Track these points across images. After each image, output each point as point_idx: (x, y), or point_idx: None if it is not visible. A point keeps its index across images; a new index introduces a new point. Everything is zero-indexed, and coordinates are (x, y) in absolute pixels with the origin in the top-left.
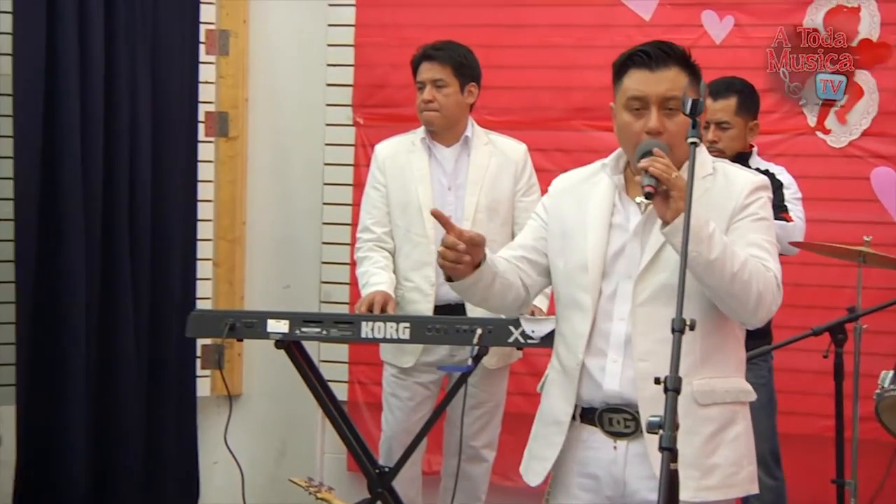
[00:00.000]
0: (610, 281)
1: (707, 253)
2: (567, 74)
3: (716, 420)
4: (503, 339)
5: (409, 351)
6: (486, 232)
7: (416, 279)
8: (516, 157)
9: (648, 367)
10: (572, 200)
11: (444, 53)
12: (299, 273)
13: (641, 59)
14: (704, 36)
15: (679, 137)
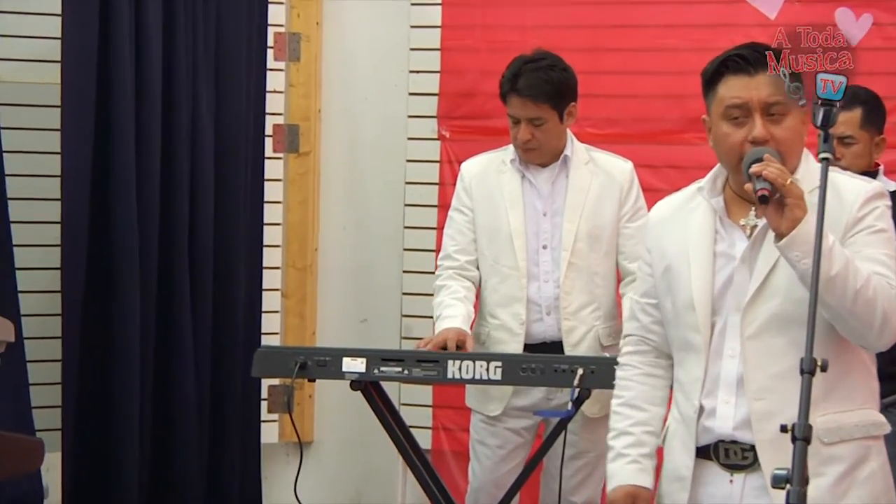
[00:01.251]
0: (720, 316)
1: (827, 268)
2: (681, 81)
3: (845, 459)
4: (608, 381)
5: (497, 397)
6: (586, 263)
7: (503, 316)
8: (622, 177)
9: (765, 407)
10: (671, 231)
11: (537, 90)
12: (378, 305)
13: (737, 64)
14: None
15: (790, 145)
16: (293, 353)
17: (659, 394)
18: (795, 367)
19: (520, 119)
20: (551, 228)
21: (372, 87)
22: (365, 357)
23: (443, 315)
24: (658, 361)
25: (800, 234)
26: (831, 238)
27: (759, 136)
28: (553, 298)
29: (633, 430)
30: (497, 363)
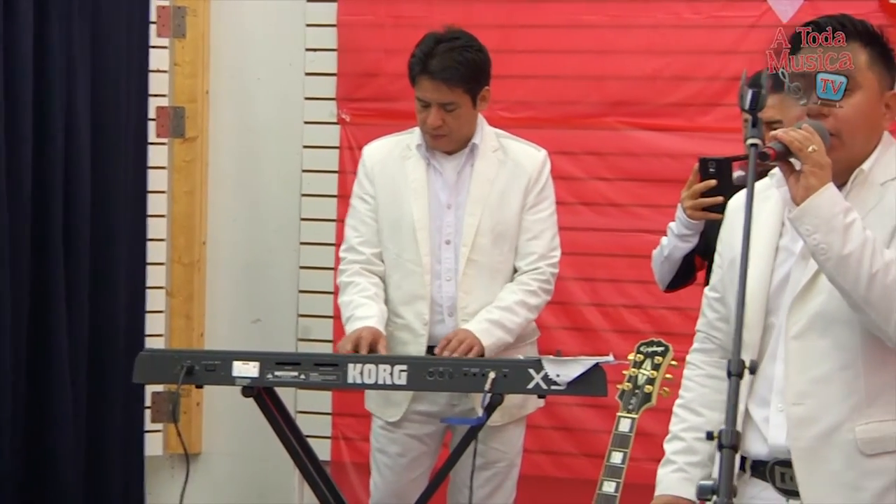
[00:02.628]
0: (776, 315)
1: (840, 246)
2: (600, 60)
3: (888, 472)
4: (521, 386)
5: (397, 401)
6: (489, 260)
7: (406, 315)
8: (531, 167)
9: (803, 413)
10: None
11: (451, 73)
12: (272, 304)
13: (810, 33)
14: (768, 13)
15: (852, 125)
16: (179, 356)
17: (720, 398)
18: (838, 370)
19: (430, 103)
20: (455, 222)
21: (265, 67)
22: (258, 360)
23: (355, 315)
24: (723, 362)
25: (812, 206)
26: (852, 215)
27: (812, 109)
28: (454, 298)
29: (684, 435)
30: (402, 367)
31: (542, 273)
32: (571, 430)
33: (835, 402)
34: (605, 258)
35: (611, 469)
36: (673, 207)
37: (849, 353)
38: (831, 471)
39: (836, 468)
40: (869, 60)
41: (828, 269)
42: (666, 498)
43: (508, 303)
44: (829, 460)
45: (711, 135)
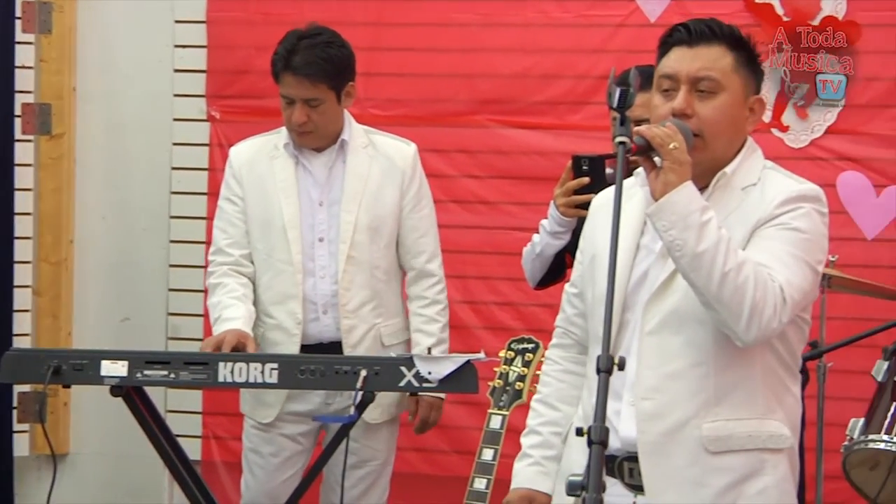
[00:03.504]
0: (631, 312)
1: (694, 243)
2: (470, 58)
3: (734, 470)
4: (393, 383)
5: (271, 402)
6: (368, 256)
7: (278, 315)
8: (403, 163)
9: (651, 408)
10: (606, 219)
11: (314, 68)
12: (141, 303)
13: (681, 35)
14: (636, 12)
15: (715, 127)
16: (46, 355)
17: (576, 393)
18: (689, 367)
19: (294, 99)
20: (328, 219)
21: (133, 63)
22: (126, 360)
23: (222, 317)
24: (580, 357)
25: (669, 202)
26: (708, 214)
27: (677, 108)
28: (330, 295)
29: (541, 429)
30: (273, 365)
31: (439, 281)
32: (443, 428)
33: (684, 398)
34: (477, 256)
35: (482, 466)
36: (543, 205)
37: (701, 351)
38: (675, 466)
39: (681, 464)
40: (734, 64)
41: (682, 266)
42: (522, 491)
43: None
44: (674, 456)
45: (581, 133)
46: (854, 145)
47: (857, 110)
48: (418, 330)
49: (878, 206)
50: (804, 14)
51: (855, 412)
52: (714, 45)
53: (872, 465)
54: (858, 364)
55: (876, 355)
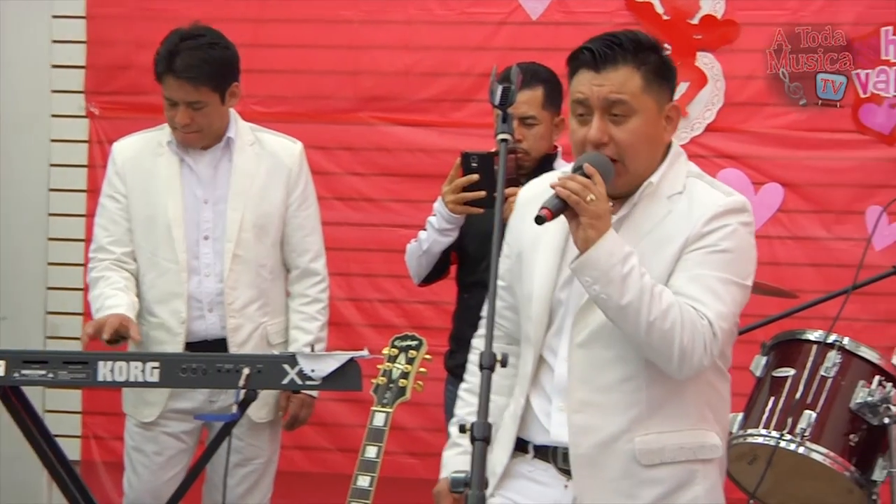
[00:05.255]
0: (559, 314)
1: (618, 297)
2: (354, 55)
3: (664, 482)
4: (276, 381)
5: (153, 401)
6: (254, 255)
7: (162, 314)
8: (290, 161)
9: (584, 421)
10: (532, 214)
11: (196, 72)
12: (18, 301)
13: (586, 58)
14: (518, 10)
15: (632, 150)
16: None
17: (505, 382)
18: (620, 381)
19: (177, 102)
20: (213, 217)
21: (10, 59)
22: (4, 359)
23: (105, 306)
24: (509, 348)
25: (590, 259)
26: (629, 264)
27: (592, 139)
28: (216, 294)
29: (470, 419)
30: (154, 364)
31: (322, 279)
32: (326, 426)
33: (616, 412)
34: (360, 253)
35: (365, 463)
36: (427, 202)
37: (632, 365)
38: (608, 478)
39: (613, 476)
40: (644, 83)
41: (609, 317)
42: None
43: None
44: (607, 468)
45: (464, 130)
46: (733, 143)
47: (736, 108)
48: (297, 327)
49: (757, 203)
50: (684, 13)
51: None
52: (620, 67)
53: (751, 459)
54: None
55: (754, 350)
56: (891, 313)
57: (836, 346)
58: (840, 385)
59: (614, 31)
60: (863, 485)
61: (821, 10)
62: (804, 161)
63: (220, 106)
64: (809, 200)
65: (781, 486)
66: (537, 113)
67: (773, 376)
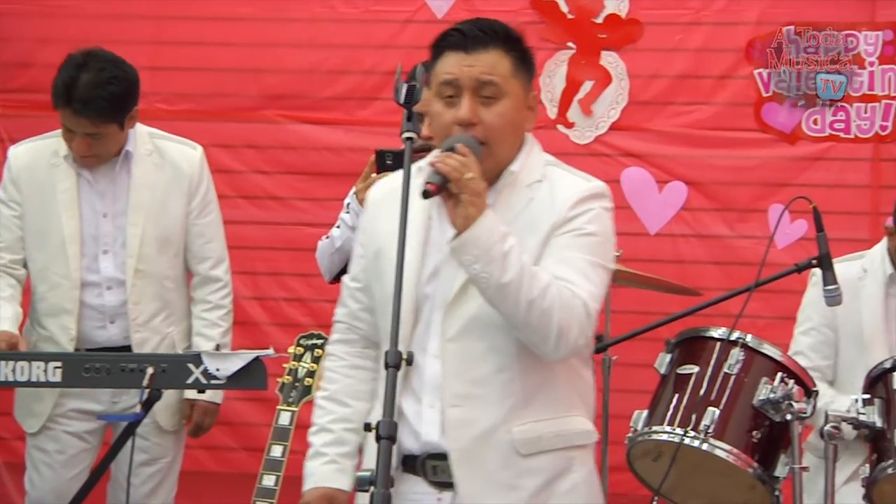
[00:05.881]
0: (425, 309)
1: (499, 275)
2: (258, 53)
3: (544, 471)
4: (181, 380)
5: (38, 412)
6: (156, 268)
7: (51, 328)
8: (190, 169)
9: (461, 414)
10: (388, 213)
11: (95, 110)
12: None
13: (455, 40)
14: (423, 9)
15: (500, 133)
16: None
17: (365, 388)
18: (495, 372)
19: (75, 131)
20: (114, 231)
21: None
22: None
23: None
24: (366, 352)
25: (471, 237)
26: (509, 242)
27: (463, 118)
28: (118, 306)
29: (332, 426)
30: (57, 363)
31: (225, 285)
32: (231, 425)
33: (492, 403)
34: (266, 252)
35: (270, 462)
36: (334, 200)
37: (505, 356)
38: (488, 471)
39: (493, 468)
40: (513, 68)
41: (488, 296)
42: (321, 490)
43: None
44: (487, 460)
45: (370, 128)
46: (637, 142)
47: (640, 107)
48: (199, 334)
49: (661, 202)
50: (588, 12)
51: (639, 404)
52: (491, 50)
53: (655, 456)
54: (642, 357)
55: (659, 348)
56: (793, 311)
57: (740, 343)
58: (743, 382)
59: (481, 17)
60: (765, 481)
61: (723, 9)
62: (707, 160)
63: (119, 133)
64: (713, 199)
65: (685, 482)
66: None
67: (678, 373)
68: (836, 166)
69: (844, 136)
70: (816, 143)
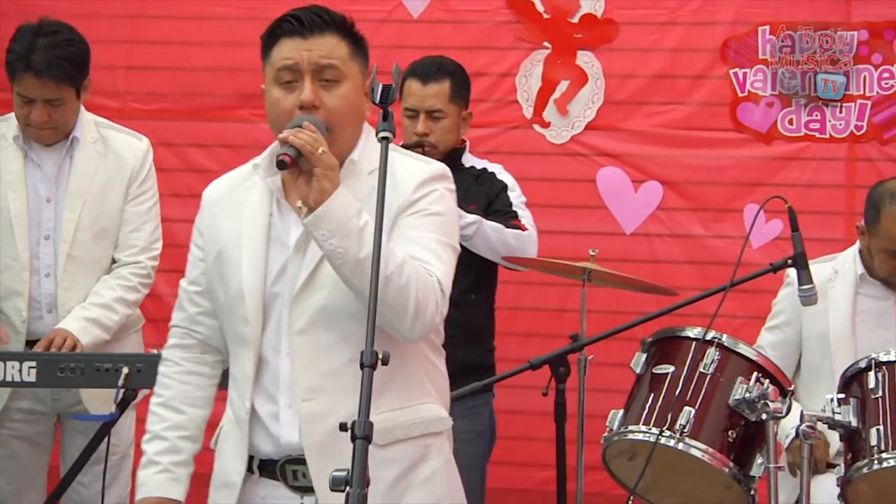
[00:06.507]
0: (274, 308)
1: (356, 250)
2: (232, 52)
3: (401, 460)
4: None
5: None
6: (90, 256)
7: (6, 310)
8: (133, 159)
9: (314, 408)
10: (226, 213)
11: (57, 70)
12: None
13: (292, 26)
14: (399, 8)
15: (343, 118)
16: None
17: (201, 394)
18: (347, 363)
19: (34, 99)
20: (54, 217)
21: None
22: None
23: None
24: (203, 357)
25: (326, 211)
26: (364, 217)
27: (306, 100)
28: (54, 294)
29: (167, 434)
30: (31, 363)
31: (143, 267)
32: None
33: (346, 395)
34: None
35: None
36: None
37: (356, 345)
38: (344, 464)
39: (349, 461)
40: (350, 51)
41: (344, 273)
42: (152, 500)
43: (107, 300)
44: (343, 454)
45: None
46: (613, 141)
47: (616, 107)
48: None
49: (636, 201)
50: (564, 12)
51: (614, 404)
52: (327, 35)
53: (631, 455)
54: (618, 356)
55: (635, 347)
56: (768, 310)
57: (715, 342)
58: (719, 381)
59: (314, 4)
60: (741, 480)
61: (699, 9)
62: (683, 159)
63: (76, 101)
64: (688, 198)
65: (661, 481)
66: (444, 106)
67: (653, 373)
68: (811, 166)
69: (820, 136)
70: (792, 142)
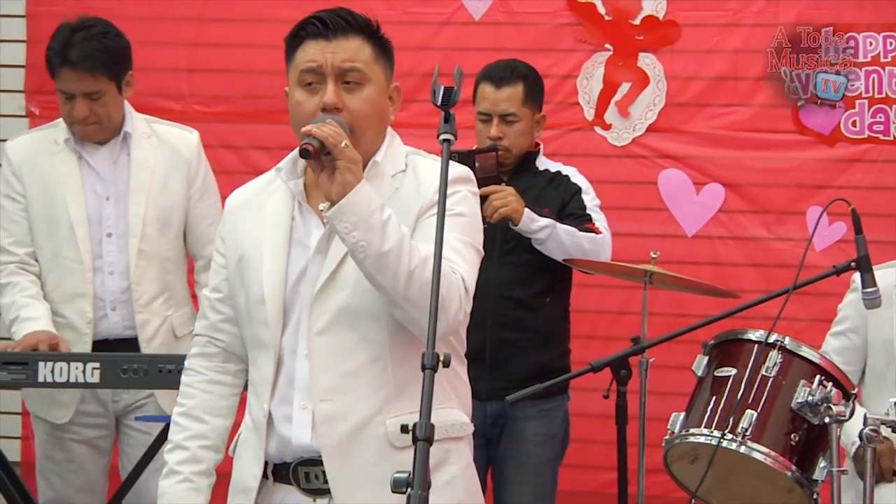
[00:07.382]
0: (294, 311)
1: (379, 243)
2: None
3: None
4: None
5: (64, 401)
6: (158, 249)
7: (68, 314)
8: (188, 152)
9: (332, 409)
10: (247, 219)
11: (93, 61)
12: None
13: (316, 28)
14: (461, 10)
15: (365, 120)
16: None
17: (224, 403)
18: (367, 363)
19: (74, 94)
20: (115, 214)
21: None
22: None
23: (21, 316)
24: (226, 367)
25: (349, 203)
26: (387, 212)
27: (329, 102)
28: (120, 292)
29: (188, 444)
30: (95, 364)
31: None
32: None
33: (364, 396)
34: None
35: None
36: None
37: (377, 346)
38: (362, 465)
39: (367, 462)
40: (374, 54)
41: (367, 268)
42: None
43: None
44: (360, 455)
45: (409, 130)
46: (674, 143)
47: (678, 109)
48: None
49: (698, 204)
50: (626, 13)
51: (676, 406)
52: (351, 37)
53: (692, 458)
54: (679, 359)
55: (696, 350)
56: (831, 313)
57: (778, 345)
58: (781, 384)
59: (340, 6)
60: (803, 484)
61: (761, 10)
62: (745, 161)
63: (118, 96)
64: (750, 201)
65: (723, 485)
66: (517, 110)
67: (715, 376)
68: (874, 168)
69: (883, 138)
70: (855, 144)
